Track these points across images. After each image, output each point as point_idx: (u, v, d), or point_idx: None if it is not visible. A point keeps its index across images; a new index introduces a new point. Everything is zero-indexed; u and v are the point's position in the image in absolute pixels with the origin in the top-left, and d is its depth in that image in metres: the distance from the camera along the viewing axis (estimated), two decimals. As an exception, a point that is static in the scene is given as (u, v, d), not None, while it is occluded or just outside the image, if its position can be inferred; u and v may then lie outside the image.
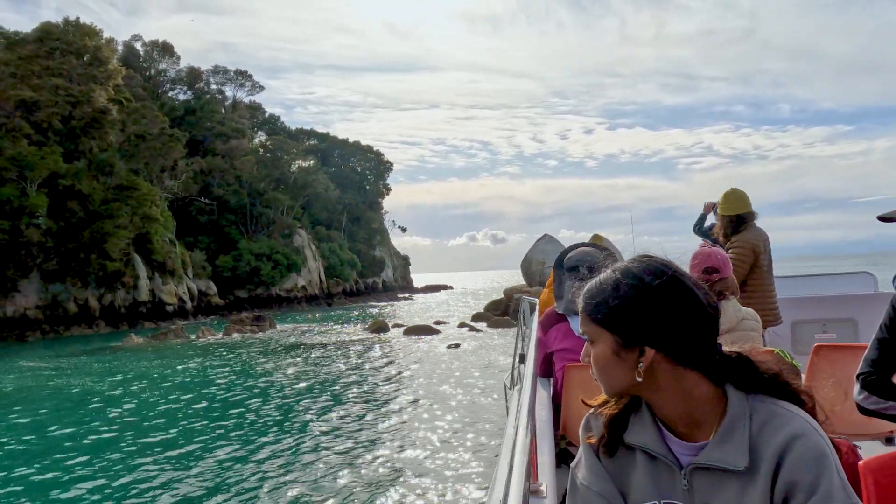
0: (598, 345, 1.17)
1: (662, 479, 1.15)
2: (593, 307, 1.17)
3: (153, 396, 16.17)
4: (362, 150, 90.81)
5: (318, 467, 9.43)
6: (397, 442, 10.73)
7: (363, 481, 8.70)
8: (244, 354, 24.75)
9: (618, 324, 1.13)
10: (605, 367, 1.17)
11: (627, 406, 1.21)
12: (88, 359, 25.00)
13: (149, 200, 44.96)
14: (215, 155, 61.85)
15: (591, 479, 1.20)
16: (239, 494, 8.44)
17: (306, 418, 12.90)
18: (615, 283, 1.16)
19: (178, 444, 11.24)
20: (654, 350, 1.11)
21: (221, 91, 76.98)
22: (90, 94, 43.37)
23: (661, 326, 1.11)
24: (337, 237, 75.35)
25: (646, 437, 1.17)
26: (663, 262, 1.17)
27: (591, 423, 1.26)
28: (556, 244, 36.95)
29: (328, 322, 40.87)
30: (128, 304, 43.19)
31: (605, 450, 1.21)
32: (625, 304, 1.13)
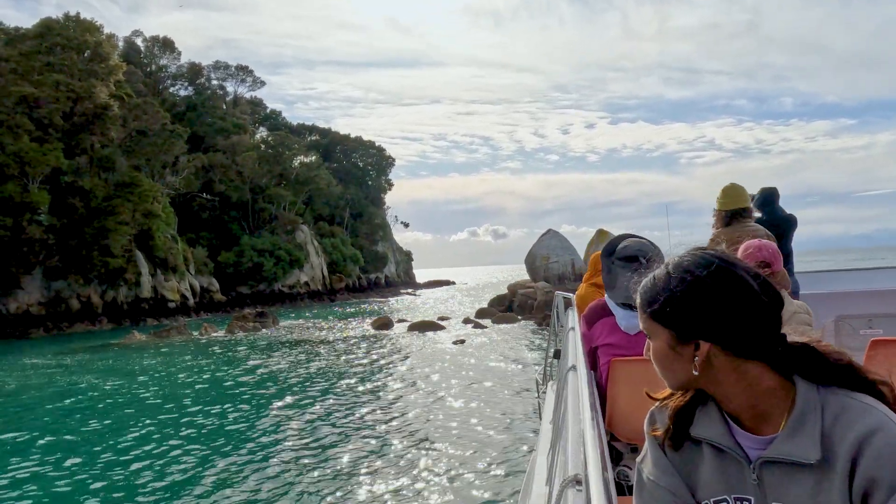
0: (656, 340, 1.17)
1: (731, 473, 1.12)
2: (647, 303, 1.17)
3: (156, 394, 16.01)
4: (364, 145, 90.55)
5: (327, 465, 9.27)
6: (410, 440, 10.57)
7: (377, 479, 8.53)
8: (247, 351, 24.61)
9: (671, 318, 1.13)
10: (664, 363, 1.16)
11: (693, 399, 1.19)
12: (91, 356, 24.87)
13: (150, 197, 44.81)
14: (217, 151, 61.65)
15: (658, 474, 1.17)
16: (243, 492, 8.27)
17: (314, 416, 12.74)
18: (666, 277, 1.15)
19: (182, 441, 11.08)
20: (710, 343, 1.10)
21: (222, 87, 76.83)
22: (91, 90, 43.14)
23: (715, 319, 1.09)
24: (339, 232, 75.18)
25: (712, 431, 1.15)
26: (714, 254, 1.15)
27: (656, 417, 1.24)
28: (560, 239, 36.86)
29: (332, 318, 40.74)
30: (130, 300, 43.09)
31: (670, 443, 1.19)
32: (676, 298, 1.12)
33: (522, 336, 25.69)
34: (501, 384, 15.32)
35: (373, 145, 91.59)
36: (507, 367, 17.76)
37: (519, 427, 11.11)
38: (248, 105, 79.56)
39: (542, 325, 28.37)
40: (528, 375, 16.42)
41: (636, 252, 2.87)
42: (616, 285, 2.89)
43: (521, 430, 10.86)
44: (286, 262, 60.60)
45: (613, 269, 2.94)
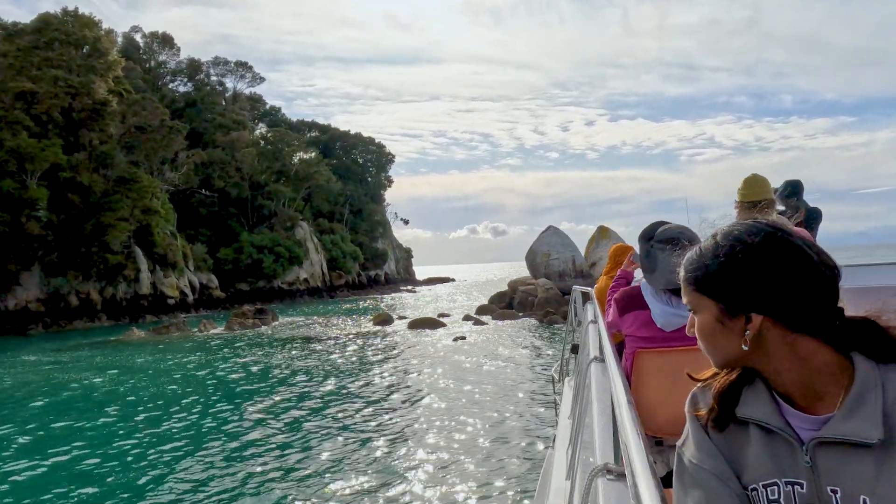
0: (702, 314, 1.11)
1: (781, 455, 1.05)
2: (692, 274, 1.11)
3: (154, 391, 15.89)
4: (364, 141, 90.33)
5: (328, 462, 9.15)
6: (414, 437, 10.45)
7: (382, 477, 8.41)
8: (247, 348, 24.49)
9: (720, 290, 1.07)
10: (710, 338, 1.10)
11: (739, 378, 1.12)
12: (90, 352, 24.75)
13: (149, 193, 44.67)
14: (216, 147, 61.48)
15: (701, 457, 1.10)
16: (243, 490, 8.15)
17: (315, 413, 12.62)
18: (714, 246, 1.09)
19: (180, 438, 10.96)
20: (762, 316, 1.04)
21: (222, 83, 76.61)
22: (90, 86, 42.95)
23: (768, 290, 1.03)
24: (339, 229, 75.02)
25: (761, 411, 1.08)
26: (768, 222, 1.08)
27: (699, 398, 1.17)
28: (561, 236, 36.70)
29: (331, 315, 40.63)
30: (129, 297, 42.96)
31: (714, 424, 1.12)
32: (726, 268, 1.06)
33: (523, 333, 25.58)
34: (504, 381, 15.21)
35: (372, 142, 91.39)
36: (509, 364, 17.65)
37: (527, 423, 10.99)
38: (248, 101, 79.34)
39: (543, 322, 28.26)
40: (531, 371, 16.32)
41: (677, 234, 2.81)
42: (656, 269, 2.81)
43: (529, 427, 10.74)
44: (285, 259, 60.48)
45: (653, 252, 2.85)
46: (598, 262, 36.72)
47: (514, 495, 7.77)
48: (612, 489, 1.32)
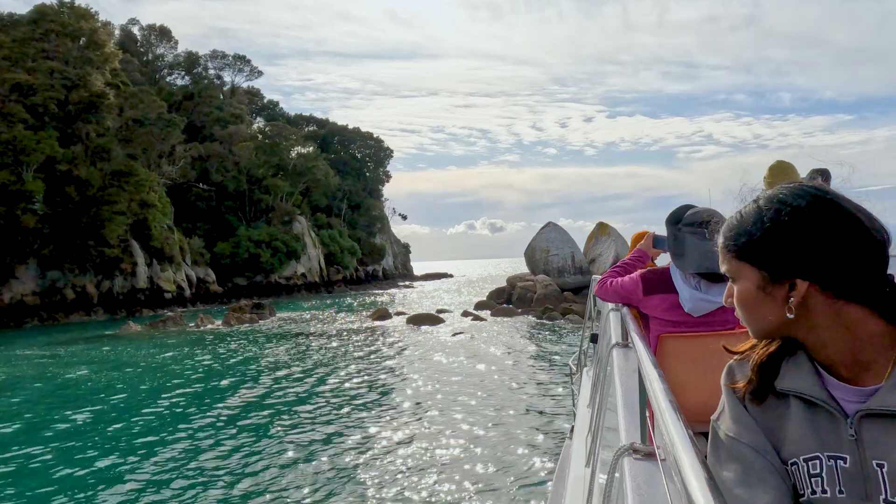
0: (742, 281, 1.06)
1: (824, 428, 1.01)
2: (733, 241, 1.07)
3: (149, 386, 15.72)
4: (362, 136, 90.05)
5: (327, 458, 9.00)
6: (420, 433, 10.30)
7: (385, 472, 8.26)
8: (244, 343, 24.33)
9: (763, 255, 1.02)
10: (751, 306, 1.06)
11: (779, 349, 1.08)
12: (85, 347, 24.56)
13: (147, 186, 44.40)
14: (213, 140, 61.17)
15: (739, 430, 1.06)
16: (242, 486, 8.00)
17: (313, 409, 12.47)
18: (757, 211, 1.04)
19: (174, 434, 10.80)
20: (808, 282, 0.99)
21: (220, 76, 76.21)
22: (86, 78, 42.61)
23: (815, 255, 0.98)
24: (337, 224, 74.81)
25: (802, 382, 1.03)
26: (815, 185, 1.03)
27: (736, 370, 1.13)
28: (560, 232, 36.57)
29: (329, 310, 40.47)
30: (126, 290, 42.74)
31: (752, 397, 1.08)
32: (770, 233, 1.01)
33: (523, 329, 25.46)
34: (507, 376, 15.07)
35: (371, 136, 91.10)
36: (510, 360, 17.52)
37: (534, 417, 10.86)
38: (246, 95, 78.94)
39: (542, 318, 28.13)
40: (533, 367, 16.19)
41: (708, 216, 2.65)
42: (685, 253, 2.72)
43: (535, 421, 10.60)
44: (283, 254, 60.26)
45: (681, 235, 2.76)
46: (597, 258, 36.60)
47: (529, 488, 7.66)
48: (640, 468, 1.30)
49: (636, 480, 1.24)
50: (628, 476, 1.26)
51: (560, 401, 12.41)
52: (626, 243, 36.96)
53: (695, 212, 2.78)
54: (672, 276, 2.79)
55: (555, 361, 17.26)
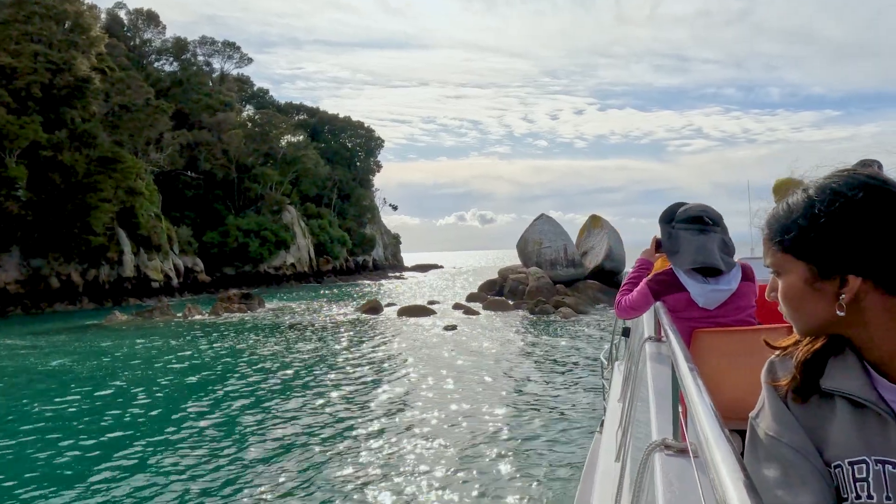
0: (788, 276, 1.01)
1: (872, 431, 0.95)
2: (779, 233, 1.01)
3: (134, 377, 15.29)
4: (353, 125, 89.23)
5: (312, 457, 8.66)
6: (424, 430, 9.98)
7: (383, 471, 7.94)
8: (233, 334, 23.90)
9: (812, 249, 0.97)
10: (798, 303, 1.00)
11: (825, 347, 1.02)
12: (68, 337, 24.01)
13: (133, 173, 43.63)
14: (202, 128, 60.29)
15: (780, 430, 1.00)
16: (223, 485, 7.65)
17: (302, 405, 12.12)
18: (807, 202, 0.98)
19: (158, 428, 10.41)
20: (861, 278, 0.94)
21: (209, 63, 75.08)
22: (71, 62, 41.68)
23: (870, 248, 0.93)
24: (327, 214, 74.18)
25: (850, 383, 0.98)
26: (868, 174, 0.97)
27: (777, 367, 1.07)
28: (553, 224, 36.27)
29: (319, 301, 40.06)
30: (112, 279, 42.07)
31: (794, 396, 1.02)
32: (820, 226, 0.96)
33: (516, 323, 25.22)
34: (504, 370, 14.79)
35: (361, 126, 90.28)
36: (505, 354, 17.24)
37: (538, 414, 10.57)
38: (235, 82, 77.89)
39: (535, 312, 27.88)
40: (531, 361, 15.92)
41: (700, 213, 2.79)
42: (680, 250, 2.78)
43: (538, 418, 10.32)
44: (272, 243, 59.69)
45: (675, 233, 2.83)
46: (589, 251, 36.38)
47: (556, 482, 7.42)
48: (672, 464, 1.27)
49: (667, 477, 1.22)
50: (659, 472, 1.24)
51: (570, 394, 12.14)
52: (618, 236, 36.76)
53: (686, 208, 2.84)
54: (677, 275, 2.81)
55: (555, 356, 17.00)
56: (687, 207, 2.87)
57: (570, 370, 14.99)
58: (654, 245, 3.27)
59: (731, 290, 2.75)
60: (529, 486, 7.59)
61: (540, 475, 7.86)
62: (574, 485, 7.35)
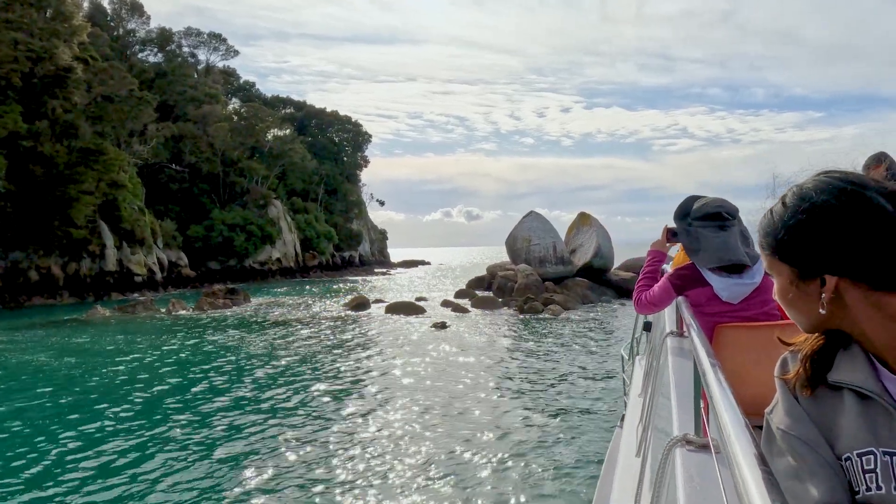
0: (778, 279, 1.07)
1: (879, 423, 0.96)
2: (763, 239, 1.07)
3: (113, 375, 14.84)
4: (340, 120, 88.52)
5: (296, 458, 8.34)
6: (423, 428, 9.69)
7: (369, 474, 7.63)
8: (218, 330, 23.44)
9: (789, 253, 1.03)
10: (790, 302, 1.06)
11: (832, 341, 1.05)
12: (46, 332, 23.40)
13: (116, 166, 42.81)
14: (187, 120, 59.41)
15: (790, 423, 1.02)
16: (202, 483, 7.31)
17: (289, 404, 11.77)
18: (781, 207, 1.05)
19: (138, 427, 10.02)
20: (837, 277, 0.99)
21: (194, 54, 74.04)
22: (53, 51, 40.74)
23: (840, 249, 0.97)
24: (313, 209, 73.53)
25: (855, 375, 1.00)
26: (841, 176, 1.01)
27: (789, 362, 1.10)
28: (542, 221, 36.08)
29: (305, 296, 39.61)
30: (94, 273, 41.28)
31: (803, 389, 1.05)
32: (793, 230, 1.02)
33: (506, 321, 25.01)
34: (499, 372, 14.54)
35: (349, 120, 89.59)
36: (498, 353, 16.99)
37: (534, 416, 10.32)
38: (221, 75, 76.85)
39: (524, 310, 27.67)
40: (524, 362, 15.67)
41: (717, 208, 2.71)
42: (702, 248, 2.70)
43: (539, 419, 10.07)
44: (258, 238, 59.05)
45: (693, 231, 2.75)
46: (578, 248, 36.24)
47: (569, 478, 7.17)
48: (693, 460, 1.28)
49: (689, 472, 1.21)
50: (680, 467, 1.24)
51: (573, 392, 11.91)
52: (607, 234, 36.66)
53: (703, 204, 2.75)
54: (700, 269, 2.75)
55: (552, 354, 16.78)
56: (703, 203, 2.78)
57: (570, 369, 14.77)
58: (665, 235, 3.17)
59: (755, 284, 2.70)
60: (548, 481, 7.46)
61: (555, 471, 7.76)
62: (589, 481, 7.22)
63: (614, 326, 22.44)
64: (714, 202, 2.76)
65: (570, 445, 8.98)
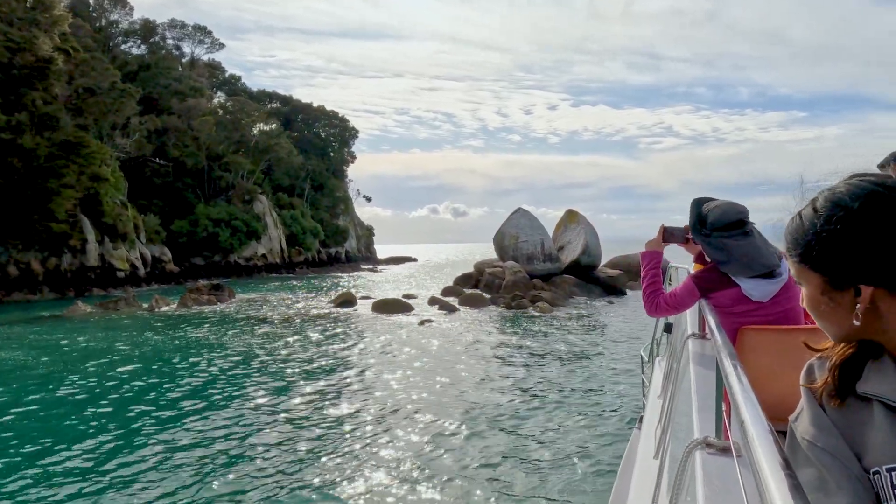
0: (807, 287, 1.01)
1: None
2: (793, 245, 1.01)
3: (94, 373, 14.45)
4: (327, 115, 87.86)
5: (276, 457, 8.09)
6: (400, 428, 9.45)
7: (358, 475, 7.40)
8: (202, 327, 23.04)
9: (821, 262, 0.97)
10: (820, 312, 1.01)
11: (862, 350, 1.00)
12: (25, 329, 22.86)
13: (98, 159, 42.06)
14: (171, 114, 58.56)
15: (816, 434, 0.98)
16: (181, 485, 7.05)
17: (273, 403, 11.49)
18: (812, 213, 0.98)
19: (116, 427, 9.71)
20: (873, 287, 0.93)
21: (178, 47, 73.14)
22: (33, 41, 39.92)
23: (877, 258, 0.92)
24: (299, 204, 72.92)
25: (887, 387, 0.95)
26: (874, 181, 0.95)
27: (815, 369, 1.05)
28: (530, 218, 35.96)
29: (291, 293, 39.20)
30: (75, 268, 40.54)
31: (831, 399, 1.00)
32: (824, 238, 0.96)
33: (495, 318, 24.84)
34: (497, 372, 14.34)
35: (336, 116, 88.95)
36: (490, 351, 16.80)
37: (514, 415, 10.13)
38: (206, 68, 75.95)
39: (512, 307, 27.53)
40: (520, 357, 15.50)
41: (738, 215, 2.63)
42: (731, 258, 2.62)
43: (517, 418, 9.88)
44: (243, 234, 58.43)
45: (716, 241, 2.65)
46: (565, 245, 36.16)
47: (594, 479, 6.97)
48: (714, 463, 1.26)
49: (709, 476, 1.20)
50: (700, 471, 1.23)
51: (576, 390, 11.74)
52: (595, 231, 36.61)
53: (721, 213, 2.65)
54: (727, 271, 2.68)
55: (550, 353, 16.62)
56: (720, 212, 2.66)
57: (561, 366, 14.62)
58: (661, 234, 3.11)
59: (783, 281, 2.66)
60: (566, 482, 7.33)
61: (569, 472, 7.54)
62: (601, 480, 7.06)
63: (603, 323, 22.35)
64: (732, 209, 2.66)
65: (570, 446, 8.81)
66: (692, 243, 3.05)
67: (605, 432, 9.52)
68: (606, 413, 10.61)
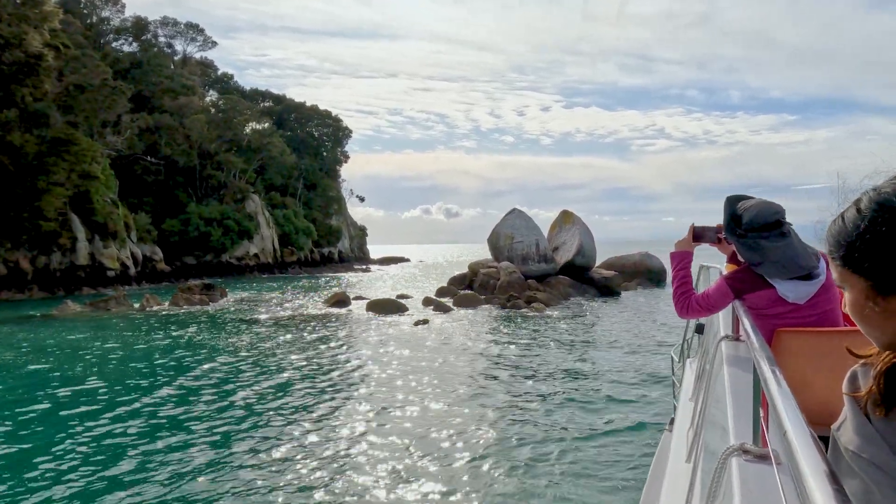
0: (851, 291, 0.98)
1: None
2: (836, 247, 0.98)
3: (81, 374, 14.16)
4: (320, 115, 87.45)
5: (269, 458, 7.87)
6: (396, 428, 9.25)
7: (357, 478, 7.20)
8: (193, 328, 22.75)
9: (866, 264, 0.94)
10: (864, 318, 0.97)
11: None
12: (13, 328, 22.48)
13: (89, 157, 41.61)
14: (163, 112, 58.10)
15: (860, 444, 0.94)
16: (171, 486, 6.82)
17: (266, 403, 11.27)
18: (856, 215, 0.94)
19: (104, 427, 9.46)
20: None
21: (171, 45, 72.53)
22: (22, 37, 39.43)
23: None
24: (292, 204, 72.53)
25: None
26: None
27: (859, 376, 1.01)
28: (525, 219, 35.81)
29: (284, 293, 38.91)
30: (64, 267, 40.08)
31: (876, 407, 0.95)
32: (869, 241, 0.93)
33: (491, 319, 24.67)
34: (480, 369, 14.16)
35: (329, 115, 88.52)
36: (487, 352, 16.62)
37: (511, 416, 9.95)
38: (198, 66, 75.43)
39: (507, 308, 27.37)
40: (517, 358, 15.33)
41: (775, 216, 2.52)
42: (767, 259, 2.53)
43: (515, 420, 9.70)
44: (235, 233, 58.03)
45: (751, 243, 2.55)
46: (560, 246, 36.04)
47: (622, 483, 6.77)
48: (751, 471, 1.24)
49: (746, 484, 1.18)
50: (737, 478, 1.20)
51: (574, 388, 11.57)
52: (590, 232, 36.50)
53: (757, 212, 2.55)
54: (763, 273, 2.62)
55: (549, 351, 16.46)
56: (756, 212, 2.55)
57: (561, 366, 14.46)
58: (691, 234, 3.01)
59: (821, 282, 2.56)
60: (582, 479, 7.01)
61: (580, 472, 7.31)
62: (583, 480, 6.87)
63: (598, 324, 22.23)
64: (769, 208, 2.55)
65: (571, 445, 8.64)
66: (724, 243, 2.95)
67: (605, 432, 9.36)
68: (607, 413, 10.46)
